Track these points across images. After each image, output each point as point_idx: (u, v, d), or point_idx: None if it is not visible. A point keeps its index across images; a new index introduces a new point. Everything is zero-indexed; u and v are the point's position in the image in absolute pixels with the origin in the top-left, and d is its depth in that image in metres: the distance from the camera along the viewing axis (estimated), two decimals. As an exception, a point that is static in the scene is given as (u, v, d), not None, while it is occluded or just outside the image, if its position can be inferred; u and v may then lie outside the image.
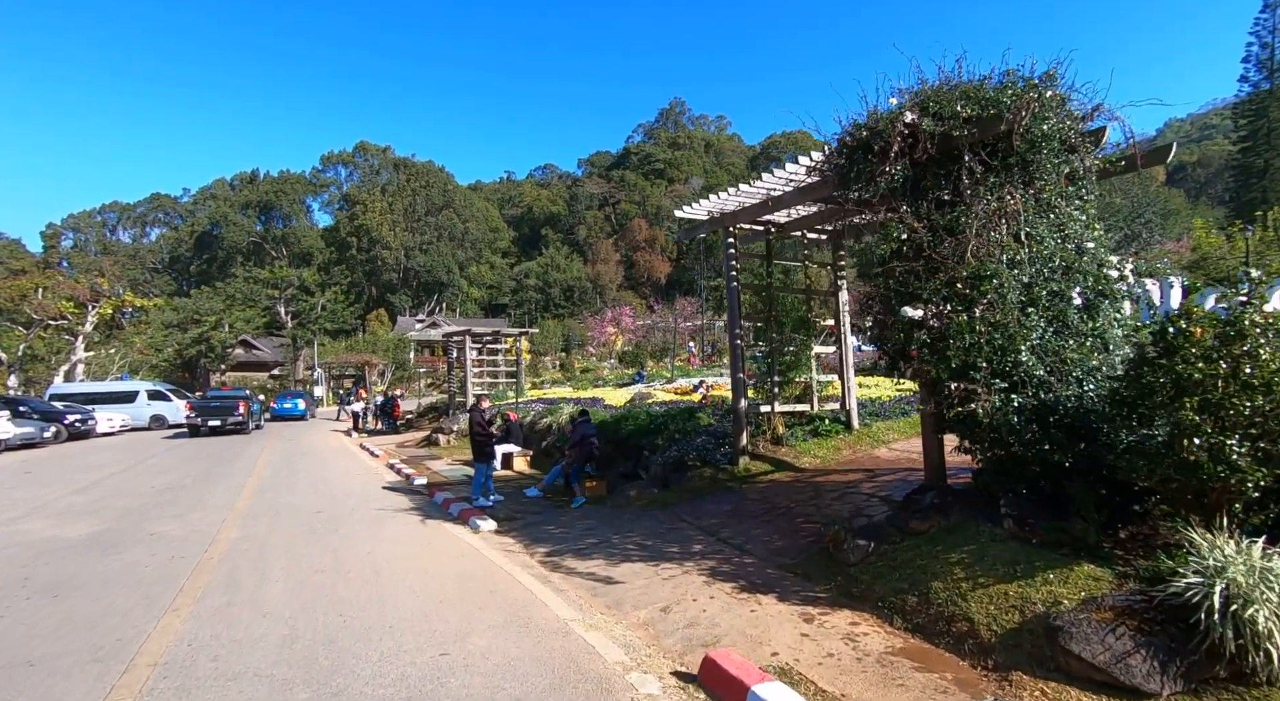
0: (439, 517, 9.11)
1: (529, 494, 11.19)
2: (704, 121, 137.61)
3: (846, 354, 10.11)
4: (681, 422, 10.84)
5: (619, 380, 31.91)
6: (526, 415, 17.46)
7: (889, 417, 10.58)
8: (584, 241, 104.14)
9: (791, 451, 9.47)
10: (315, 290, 50.30)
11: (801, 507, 7.28)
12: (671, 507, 8.28)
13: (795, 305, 9.69)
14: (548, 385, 32.15)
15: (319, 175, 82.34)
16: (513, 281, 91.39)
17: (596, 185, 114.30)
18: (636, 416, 12.61)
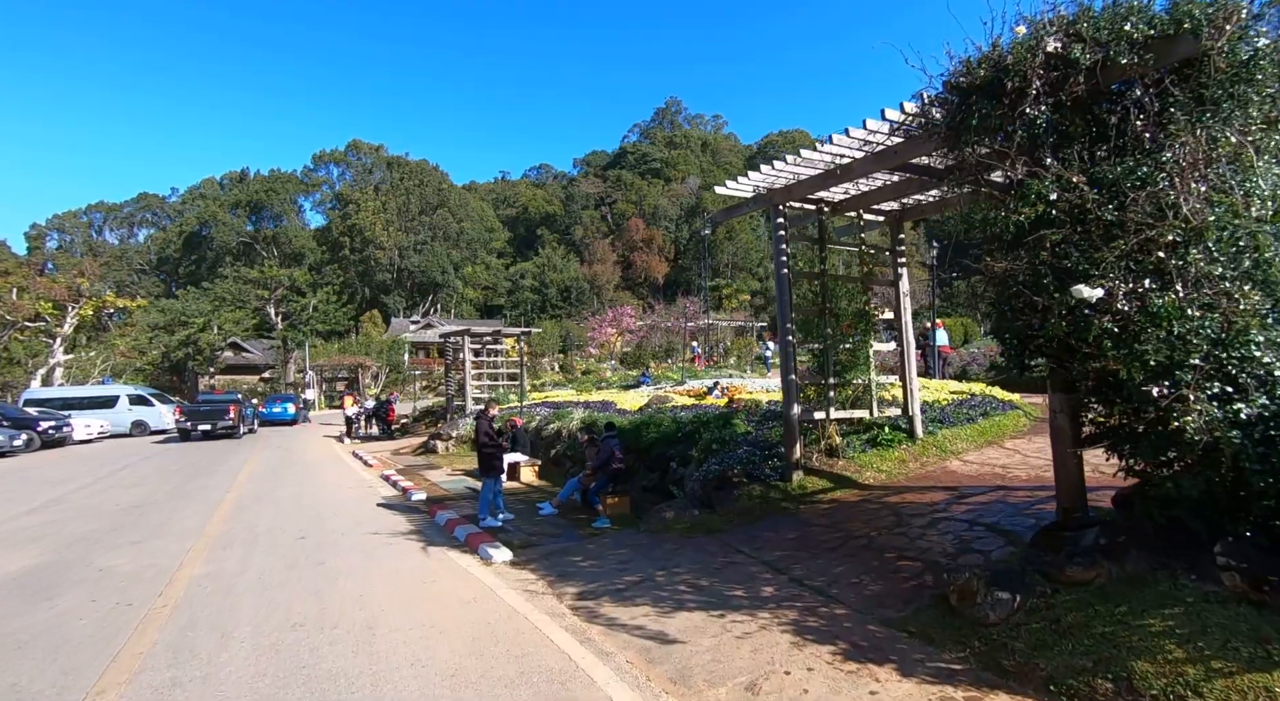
0: (443, 544, 7.80)
1: (543, 511, 9.91)
2: (700, 121, 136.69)
3: (908, 351, 8.85)
4: (716, 431, 9.56)
5: (623, 382, 30.64)
6: (532, 420, 16.16)
7: (953, 424, 9.33)
8: (580, 241, 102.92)
9: (850, 465, 8.20)
10: (306, 291, 48.75)
11: (886, 537, 6.00)
12: (720, 534, 6.99)
13: (854, 295, 8.42)
14: (548, 387, 30.81)
15: (311, 174, 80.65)
16: (508, 282, 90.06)
17: (593, 185, 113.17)
18: (659, 423, 11.32)
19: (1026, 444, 8.85)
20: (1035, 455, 8.11)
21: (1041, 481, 6.90)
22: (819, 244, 8.44)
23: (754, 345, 42.45)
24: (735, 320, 53.59)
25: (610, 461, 9.15)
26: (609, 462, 9.15)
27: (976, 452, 8.62)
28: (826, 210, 8.41)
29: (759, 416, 10.84)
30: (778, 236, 8.07)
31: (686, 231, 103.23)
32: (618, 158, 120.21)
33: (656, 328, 51.16)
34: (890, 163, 6.47)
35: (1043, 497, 6.29)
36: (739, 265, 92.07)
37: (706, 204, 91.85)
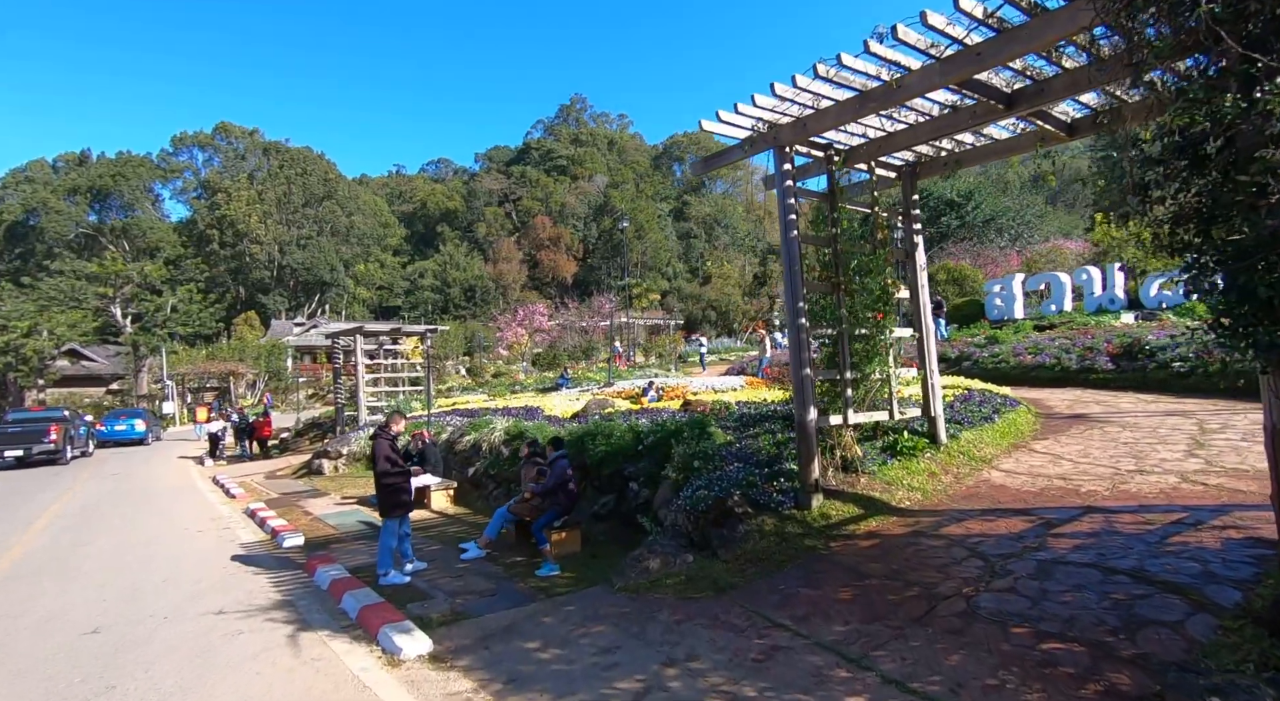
0: (324, 626, 5.30)
1: (466, 555, 7.57)
2: (606, 119, 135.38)
3: (928, 338, 7.25)
4: (692, 442, 7.54)
5: (540, 384, 28.13)
6: (442, 432, 13.48)
7: (970, 424, 7.86)
8: (484, 239, 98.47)
9: (875, 482, 6.45)
10: (163, 288, 42.05)
11: (988, 596, 4.20)
12: (736, 593, 4.96)
13: (874, 267, 6.67)
14: (455, 393, 27.73)
15: (169, 159, 70.93)
16: (406, 281, 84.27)
17: (495, 181, 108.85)
18: (610, 433, 9.16)
19: (1059, 447, 7.49)
20: (1088, 461, 6.72)
21: (1139, 499, 5.40)
22: (830, 201, 6.63)
23: (677, 342, 41.15)
24: (650, 318, 52.17)
25: (561, 488, 6.91)
26: (560, 489, 6.91)
27: (1010, 460, 7.14)
28: (837, 160, 6.62)
29: (734, 422, 8.94)
30: (783, 188, 6.17)
31: (595, 230, 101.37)
32: (522, 154, 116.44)
33: (570, 327, 48.80)
34: (960, 74, 4.70)
35: (1170, 525, 4.75)
36: (649, 264, 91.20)
37: (615, 202, 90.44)
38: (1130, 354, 12.24)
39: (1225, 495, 5.16)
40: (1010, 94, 5.26)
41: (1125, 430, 7.95)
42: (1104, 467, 6.38)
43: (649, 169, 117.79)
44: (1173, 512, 4.94)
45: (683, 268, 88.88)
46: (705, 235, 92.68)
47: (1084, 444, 7.45)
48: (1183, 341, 11.48)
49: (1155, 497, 5.34)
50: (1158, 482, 5.73)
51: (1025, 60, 5.05)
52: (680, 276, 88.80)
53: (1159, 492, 5.45)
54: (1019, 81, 5.26)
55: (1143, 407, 9.34)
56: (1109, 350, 12.70)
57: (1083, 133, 5.96)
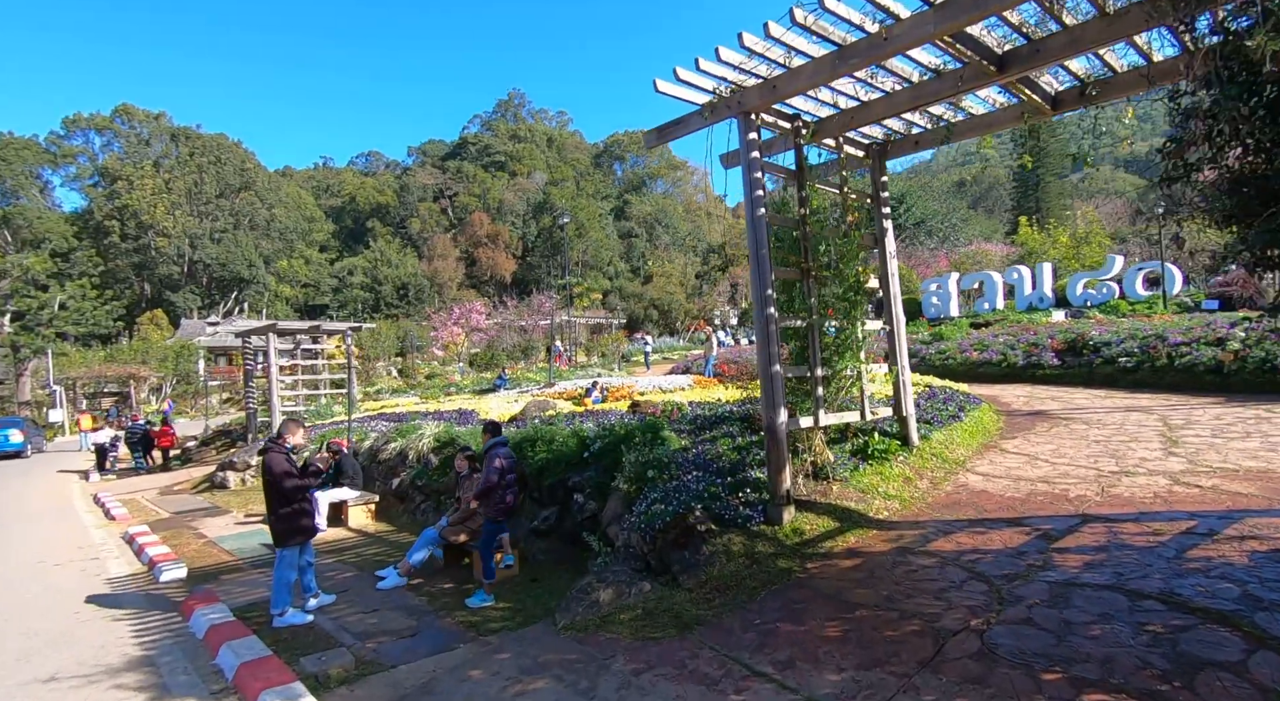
0: (188, 692, 4.20)
1: (384, 583, 6.55)
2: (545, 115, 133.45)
3: (899, 331, 6.69)
4: (644, 449, 6.72)
5: (477, 386, 26.78)
6: (364, 439, 12.18)
7: (939, 423, 7.37)
8: (418, 236, 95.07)
9: (848, 490, 5.80)
10: (49, 283, 37.86)
11: (1003, 632, 3.56)
12: (704, 631, 4.16)
13: (848, 252, 6.03)
14: (385, 395, 25.98)
15: (60, 142, 64.48)
16: (335, 278, 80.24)
17: (430, 176, 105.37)
18: (552, 437, 8.23)
19: (1031, 446, 7.09)
20: (1066, 462, 6.30)
21: (1136, 505, 4.93)
22: (798, 179, 5.94)
23: (620, 341, 40.32)
24: (592, 317, 51.19)
25: (496, 488, 5.92)
26: (496, 490, 5.92)
27: (984, 461, 6.67)
28: (805, 133, 5.94)
29: (688, 424, 8.18)
30: (750, 160, 5.43)
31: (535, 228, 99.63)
32: (458, 148, 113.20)
33: (509, 326, 47.26)
34: (969, 16, 4.06)
35: (1181, 535, 4.26)
36: (590, 263, 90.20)
37: (555, 200, 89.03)
38: (1075, 349, 12.27)
39: (1226, 499, 4.76)
40: (1002, 55, 4.69)
41: (1092, 427, 7.66)
42: (1085, 469, 5.96)
43: (589, 167, 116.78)
44: (1178, 521, 4.47)
45: (624, 267, 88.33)
46: (646, 234, 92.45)
47: (1055, 443, 7.08)
48: (1125, 336, 11.55)
49: (1152, 503, 4.89)
50: (1148, 485, 5.31)
51: (1022, 15, 4.49)
52: (622, 275, 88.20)
53: (1154, 497, 5.02)
54: (1012, 41, 4.70)
55: (1099, 403, 9.18)
56: (1054, 346, 12.72)
57: (1066, 106, 5.50)
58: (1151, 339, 10.93)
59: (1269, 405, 7.78)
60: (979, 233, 63.60)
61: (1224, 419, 7.32)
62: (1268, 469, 5.32)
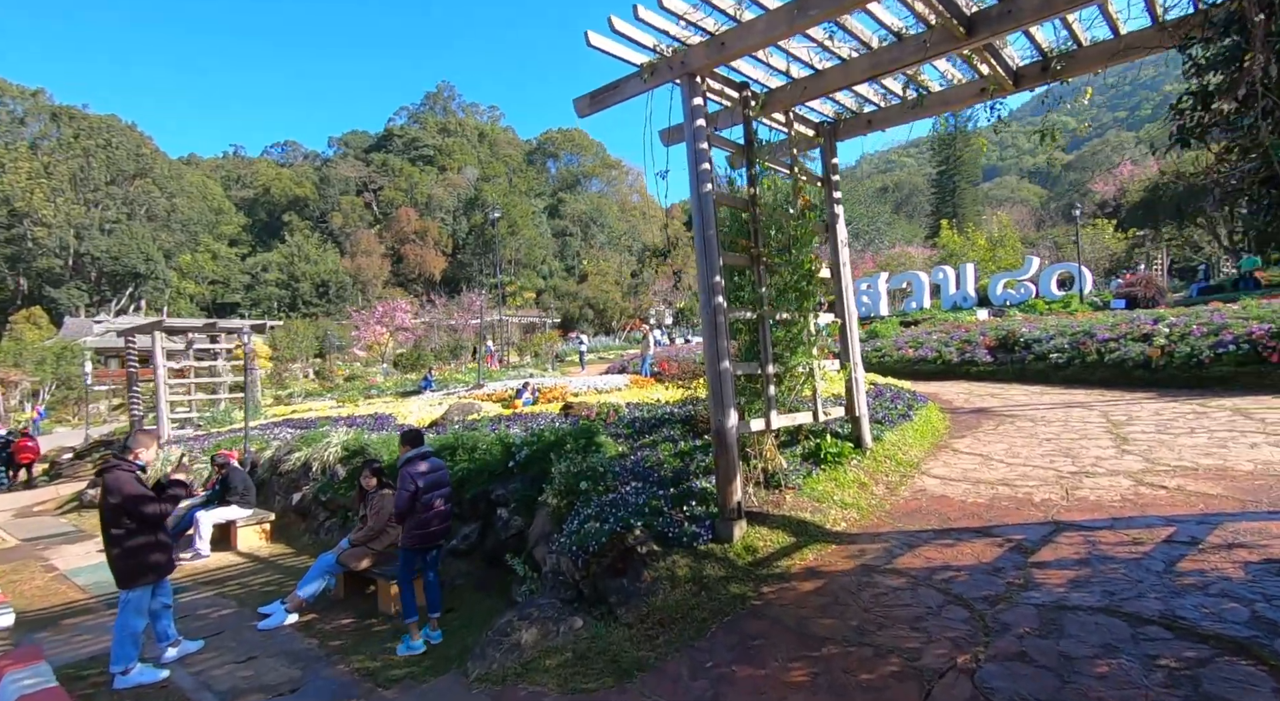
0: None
1: (266, 625, 5.60)
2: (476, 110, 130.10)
3: (851, 325, 6.23)
4: (576, 456, 5.97)
5: (401, 388, 25.24)
6: (264, 448, 10.84)
7: (889, 423, 6.98)
8: (340, 230, 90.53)
9: (802, 500, 5.26)
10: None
11: (998, 672, 3.04)
12: (643, 677, 3.46)
13: (801, 237, 5.49)
14: (298, 399, 24.05)
15: (-81, 118, 57.22)
16: (247, 275, 75.13)
17: (353, 168, 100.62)
18: (474, 444, 7.37)
19: (983, 446, 6.79)
20: (1021, 462, 5.99)
21: (1106, 510, 4.60)
22: (746, 155, 5.34)
23: (554, 340, 39.18)
24: (525, 316, 49.80)
25: (414, 510, 5.02)
26: (415, 512, 5.01)
27: (939, 463, 6.30)
28: (754, 104, 5.36)
29: (625, 428, 7.50)
30: (695, 128, 4.79)
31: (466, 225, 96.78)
32: (383, 141, 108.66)
33: (437, 325, 45.35)
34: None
35: (1164, 545, 3.91)
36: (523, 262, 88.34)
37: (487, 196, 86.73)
38: (1007, 346, 12.38)
39: (1197, 501, 4.48)
40: (972, 16, 4.24)
41: (1038, 425, 7.48)
42: (1043, 470, 5.66)
43: (522, 164, 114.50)
44: (1156, 527, 4.14)
45: (559, 265, 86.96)
46: (581, 233, 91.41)
47: (1006, 442, 6.82)
48: (1055, 333, 11.71)
49: (1122, 507, 4.57)
50: (1112, 487, 5.02)
51: (994, -29, 4.05)
52: (557, 274, 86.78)
53: (1122, 500, 4.71)
54: (980, 2, 4.26)
55: (1037, 400, 9.12)
56: (986, 343, 12.82)
57: (1028, 82, 5.16)
58: (1080, 335, 11.09)
59: (1201, 399, 7.83)
60: (901, 236, 66.16)
61: (1163, 414, 7.27)
62: (1225, 466, 5.13)
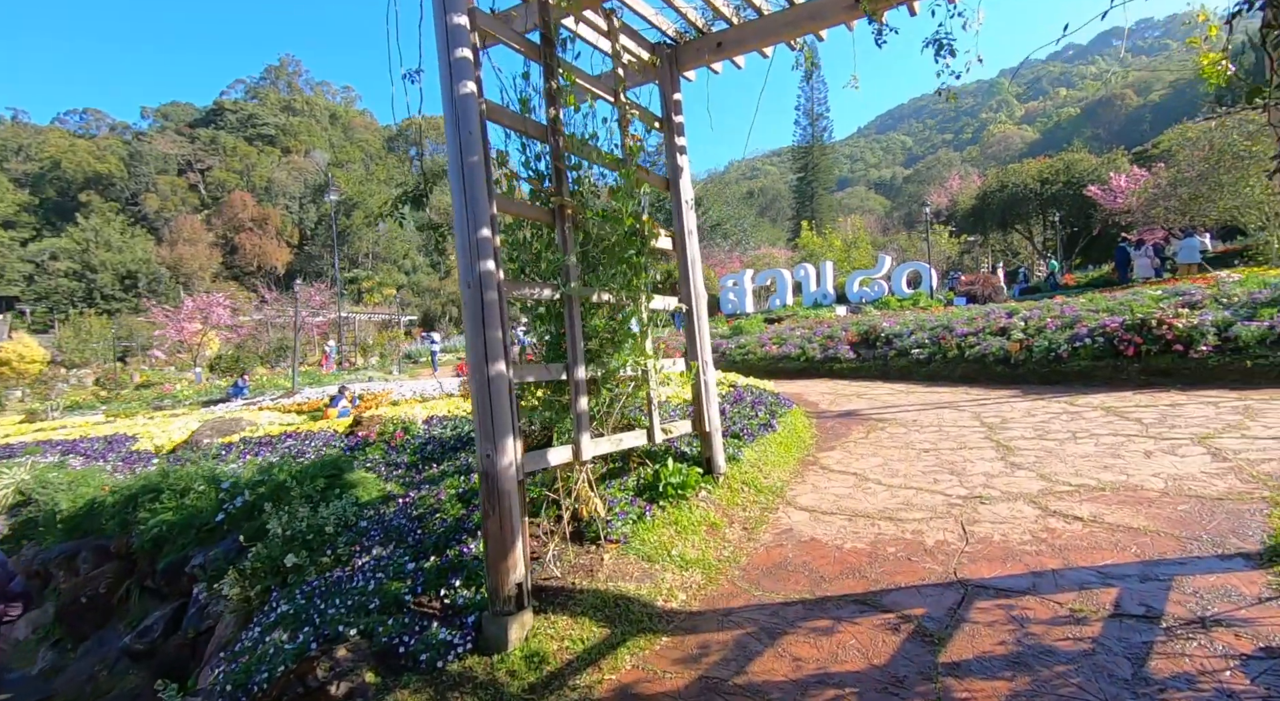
0: None
1: None
2: (327, 88, 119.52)
3: (699, 314, 4.76)
4: (307, 506, 4.00)
5: (204, 396, 21.25)
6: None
7: (749, 437, 5.63)
8: (156, 214, 79.06)
9: (626, 558, 3.68)
10: None
11: None
12: None
13: (625, 184, 3.90)
14: (54, 414, 19.31)
15: None
16: (28, 263, 62.96)
17: (174, 144, 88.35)
18: (182, 487, 5.11)
19: (854, 460, 5.63)
20: (900, 482, 4.83)
21: (1021, 560, 3.43)
22: (544, 62, 3.66)
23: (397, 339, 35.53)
24: (380, 313, 45.33)
25: None
26: None
27: (807, 487, 5.01)
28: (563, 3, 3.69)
29: (412, 453, 5.58)
30: (451, 29, 3.02)
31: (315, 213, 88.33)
32: (212, 115, 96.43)
33: (270, 323, 39.98)
34: None
35: (1112, 620, 2.72)
36: (381, 256, 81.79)
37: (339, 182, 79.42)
38: (869, 342, 11.82)
39: (1127, 541, 3.43)
40: None
41: (911, 430, 6.51)
42: (929, 493, 4.52)
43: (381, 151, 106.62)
44: (1091, 588, 2.99)
45: (424, 261, 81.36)
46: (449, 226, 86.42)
47: (879, 454, 5.72)
48: (915, 328, 11.27)
49: (1038, 553, 3.43)
50: (1015, 518, 3.92)
51: None
52: (420, 269, 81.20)
53: (1034, 540, 3.58)
54: None
55: (905, 400, 8.34)
56: (849, 339, 12.22)
57: (914, -6, 3.93)
58: (940, 329, 10.66)
59: (1068, 397, 7.31)
60: (766, 239, 68.69)
61: (1036, 415, 6.57)
62: (1133, 484, 4.22)
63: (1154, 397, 6.73)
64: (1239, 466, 4.27)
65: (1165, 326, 7.49)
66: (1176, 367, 7.24)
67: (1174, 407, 6.17)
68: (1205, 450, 4.70)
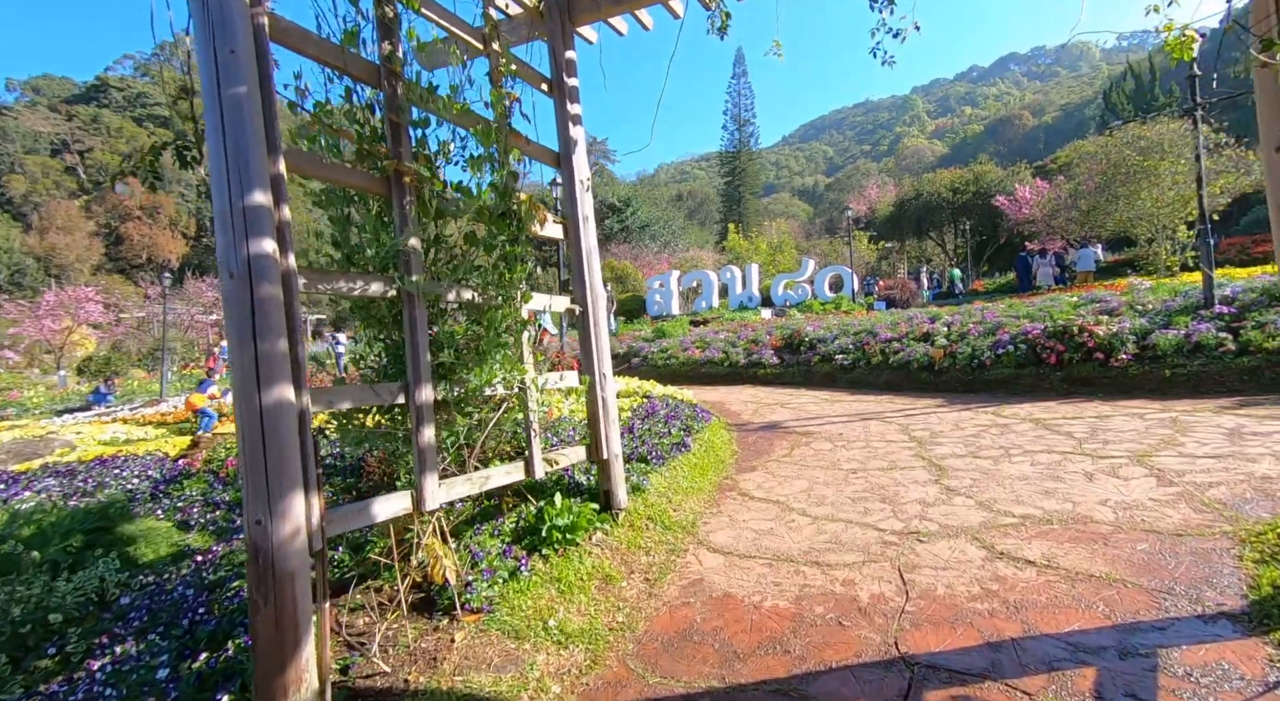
0: None
1: None
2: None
3: (596, 317, 3.95)
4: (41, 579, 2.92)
5: (59, 405, 18.69)
6: None
7: (658, 460, 4.87)
8: (24, 199, 71.12)
9: (486, 636, 2.81)
10: None
11: None
12: None
13: (495, 147, 3.02)
14: None
15: None
16: None
17: (47, 121, 79.90)
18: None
19: (777, 483, 4.98)
20: (827, 514, 4.19)
21: (972, 622, 2.81)
22: None
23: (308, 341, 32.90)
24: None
25: None
26: None
27: (723, 519, 4.29)
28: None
29: (236, 490, 4.48)
30: None
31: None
32: (95, 91, 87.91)
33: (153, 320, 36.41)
34: None
35: None
36: (290, 249, 76.63)
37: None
38: (793, 346, 11.41)
39: (1092, 596, 2.89)
40: None
41: (837, 447, 5.96)
42: (858, 527, 3.90)
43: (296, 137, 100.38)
44: (1063, 669, 2.39)
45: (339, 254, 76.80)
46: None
47: (804, 475, 5.10)
48: (839, 332, 10.93)
49: (992, 614, 2.83)
50: (958, 563, 3.33)
51: None
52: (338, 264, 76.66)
53: (985, 597, 2.99)
54: None
55: (830, 410, 7.85)
56: (773, 343, 11.77)
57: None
58: (864, 334, 10.35)
59: (993, 407, 7.00)
60: (695, 241, 69.14)
61: (965, 428, 6.17)
62: (1079, 514, 3.74)
63: (1079, 408, 6.49)
64: (1187, 491, 3.88)
65: (1086, 334, 7.33)
66: (1098, 376, 7.08)
67: (1102, 420, 5.90)
68: (1147, 471, 4.32)
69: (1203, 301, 7.44)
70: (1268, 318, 6.54)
